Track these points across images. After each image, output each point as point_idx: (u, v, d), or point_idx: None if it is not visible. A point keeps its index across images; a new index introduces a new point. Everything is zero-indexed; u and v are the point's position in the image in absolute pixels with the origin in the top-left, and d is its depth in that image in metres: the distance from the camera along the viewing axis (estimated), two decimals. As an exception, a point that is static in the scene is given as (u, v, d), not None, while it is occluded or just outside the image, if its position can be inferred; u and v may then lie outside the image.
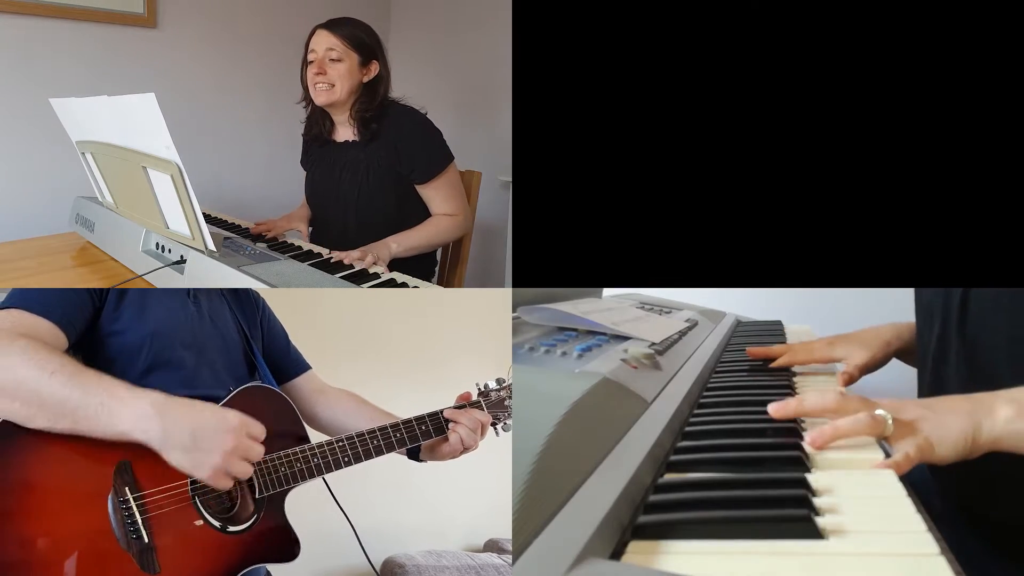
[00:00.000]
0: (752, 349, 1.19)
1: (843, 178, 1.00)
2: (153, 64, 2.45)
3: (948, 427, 0.76)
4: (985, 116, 0.96)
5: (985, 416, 0.76)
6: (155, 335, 0.98)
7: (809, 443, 0.77)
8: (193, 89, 2.59)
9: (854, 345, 1.17)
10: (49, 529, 0.83)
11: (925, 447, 0.76)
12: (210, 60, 2.64)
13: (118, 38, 2.36)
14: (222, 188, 2.69)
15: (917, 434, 0.76)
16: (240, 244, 1.53)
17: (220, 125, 2.71)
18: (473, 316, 2.20)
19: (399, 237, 1.67)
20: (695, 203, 1.02)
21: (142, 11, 2.38)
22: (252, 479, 0.95)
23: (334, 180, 1.78)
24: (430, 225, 1.74)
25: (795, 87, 0.99)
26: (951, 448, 0.76)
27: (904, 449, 0.75)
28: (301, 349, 1.23)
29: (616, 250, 1.03)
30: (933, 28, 0.96)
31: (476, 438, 1.06)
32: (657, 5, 1.00)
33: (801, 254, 1.01)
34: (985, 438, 0.76)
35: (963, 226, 0.98)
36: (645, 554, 0.56)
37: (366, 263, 1.51)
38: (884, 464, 0.73)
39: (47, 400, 0.84)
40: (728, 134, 1.00)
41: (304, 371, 1.20)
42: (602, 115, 1.02)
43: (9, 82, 2.15)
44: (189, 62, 2.57)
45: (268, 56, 2.72)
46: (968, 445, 0.76)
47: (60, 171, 2.09)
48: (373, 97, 1.72)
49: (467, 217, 1.82)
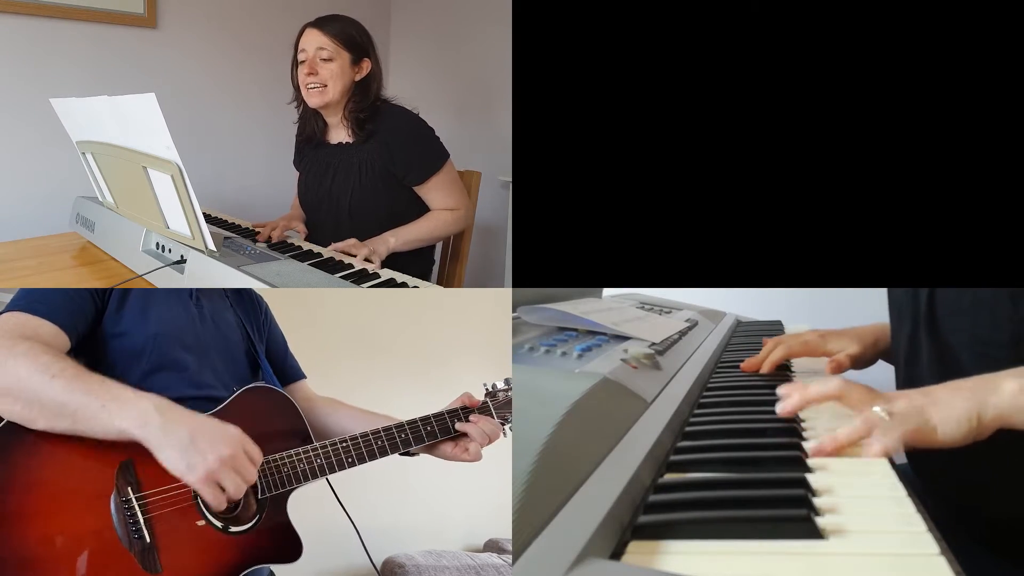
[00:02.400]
0: (744, 364, 1.18)
1: (842, 179, 1.00)
2: (153, 64, 2.45)
3: (951, 407, 0.76)
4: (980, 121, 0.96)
5: (990, 393, 0.75)
6: (158, 336, 0.98)
7: (811, 453, 0.77)
8: (193, 89, 2.59)
9: (846, 339, 1.18)
10: (52, 529, 0.83)
11: (926, 430, 0.75)
12: (210, 60, 2.64)
13: (118, 38, 2.36)
14: (222, 188, 2.69)
15: (918, 419, 0.76)
16: (240, 244, 1.54)
17: (220, 125, 2.71)
18: (473, 316, 2.20)
19: (397, 231, 1.66)
20: (695, 203, 1.02)
21: (142, 11, 2.38)
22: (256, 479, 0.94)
23: (327, 181, 1.76)
24: (430, 219, 1.73)
25: (794, 89, 0.99)
26: (955, 428, 0.75)
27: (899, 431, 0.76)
28: (301, 349, 1.22)
29: (616, 250, 1.03)
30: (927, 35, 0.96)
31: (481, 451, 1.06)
32: (657, 6, 1.00)
33: (801, 254, 1.01)
34: (992, 415, 0.75)
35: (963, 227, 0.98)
36: (645, 554, 0.56)
37: (360, 255, 1.50)
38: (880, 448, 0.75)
39: (47, 403, 0.84)
40: (728, 135, 1.01)
41: (299, 379, 1.20)
42: (602, 115, 1.02)
43: (9, 82, 2.14)
44: (189, 62, 2.57)
45: (268, 56, 2.72)
46: (974, 424, 0.75)
47: (60, 171, 2.10)
48: (366, 96, 1.70)
49: (468, 210, 1.80)
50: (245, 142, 2.79)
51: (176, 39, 2.51)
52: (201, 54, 2.60)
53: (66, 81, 2.22)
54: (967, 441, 0.76)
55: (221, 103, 2.70)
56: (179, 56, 2.53)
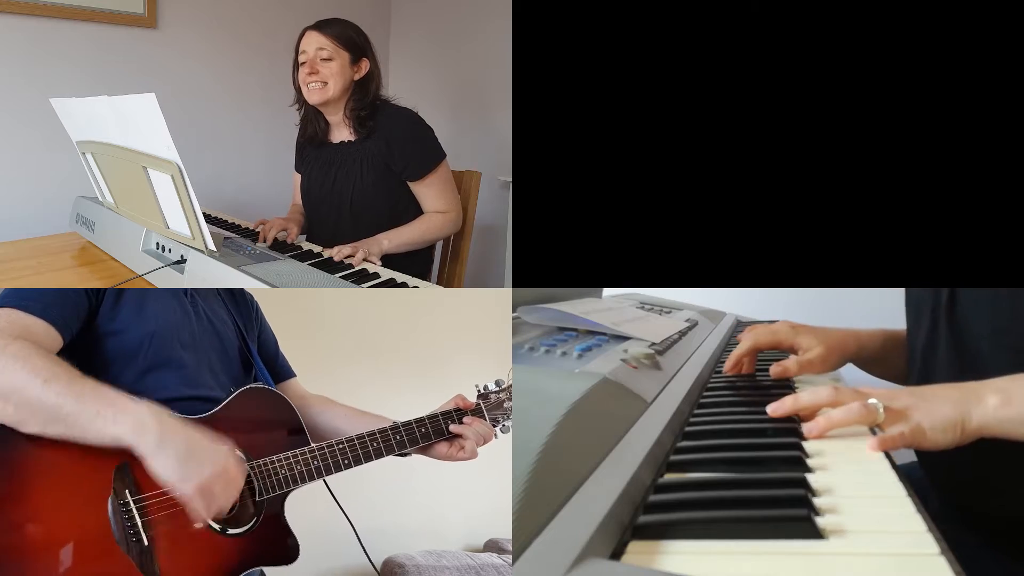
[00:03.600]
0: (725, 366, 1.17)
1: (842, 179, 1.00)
2: (153, 64, 2.45)
3: (939, 414, 0.79)
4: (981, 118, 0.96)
5: (974, 405, 0.78)
6: (155, 335, 0.98)
7: (805, 433, 0.80)
8: (193, 89, 2.59)
9: (815, 338, 1.14)
10: (49, 531, 0.83)
11: (917, 431, 0.79)
12: (210, 60, 2.64)
13: (118, 38, 2.36)
14: (222, 188, 2.69)
15: (909, 420, 0.79)
16: (240, 244, 1.54)
17: (220, 125, 2.71)
18: (473, 316, 2.19)
19: (391, 234, 1.69)
20: (695, 203, 1.02)
21: (142, 11, 2.38)
22: (254, 481, 0.94)
23: (330, 179, 1.80)
24: (422, 222, 1.76)
25: (796, 88, 0.99)
26: (941, 434, 0.78)
27: (900, 430, 0.79)
28: (301, 349, 1.22)
29: (616, 250, 1.03)
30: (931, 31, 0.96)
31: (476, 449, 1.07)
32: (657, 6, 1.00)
33: (801, 254, 1.01)
34: (974, 425, 0.78)
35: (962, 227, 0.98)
36: (645, 554, 0.56)
37: (356, 259, 1.51)
38: (877, 441, 0.77)
39: (38, 407, 0.82)
40: (727, 135, 1.01)
41: (290, 377, 1.20)
42: (602, 115, 1.02)
43: (9, 82, 2.15)
44: (189, 62, 2.57)
45: (268, 56, 2.72)
46: (958, 432, 0.78)
47: (60, 171, 2.10)
48: (365, 95, 1.74)
49: (459, 213, 1.83)
50: (245, 142, 2.79)
51: (176, 39, 2.51)
52: (201, 54, 2.60)
53: (66, 81, 2.22)
54: (951, 446, 0.79)
55: (221, 103, 2.70)
56: (179, 56, 2.53)
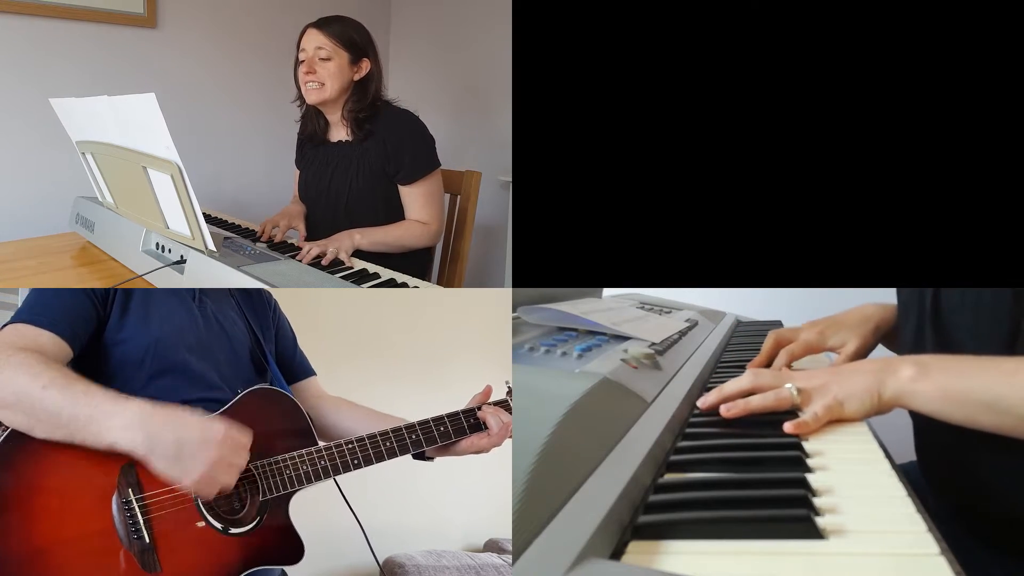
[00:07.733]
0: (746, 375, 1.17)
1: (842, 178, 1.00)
2: (153, 64, 2.45)
3: (854, 385, 0.84)
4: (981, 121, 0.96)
5: (889, 375, 0.82)
6: (159, 341, 0.98)
7: (723, 413, 0.86)
8: (193, 89, 2.59)
9: (844, 331, 1.15)
10: (55, 529, 0.84)
11: (834, 406, 0.83)
12: (210, 60, 2.64)
13: (118, 38, 2.36)
14: (222, 188, 2.69)
15: (826, 395, 0.84)
16: (240, 244, 1.53)
17: (220, 125, 2.71)
18: (473, 316, 2.20)
19: (364, 230, 1.67)
20: (695, 203, 1.02)
21: (142, 11, 2.38)
22: (258, 481, 0.95)
23: (326, 178, 1.79)
24: (400, 227, 1.74)
25: (796, 87, 0.99)
26: (858, 404, 0.83)
27: (813, 410, 0.83)
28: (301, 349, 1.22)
29: (616, 250, 1.03)
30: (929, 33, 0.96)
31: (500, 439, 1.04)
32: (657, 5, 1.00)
33: (800, 254, 1.01)
34: (889, 395, 0.82)
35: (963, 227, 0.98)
36: (645, 554, 0.56)
37: (327, 259, 1.50)
38: (792, 425, 0.80)
39: (41, 412, 0.84)
40: (728, 134, 1.01)
41: (308, 376, 1.19)
42: (602, 115, 1.02)
43: (9, 82, 2.14)
44: (189, 62, 2.57)
45: (268, 56, 2.72)
46: (874, 401, 0.82)
47: (60, 171, 2.10)
48: (364, 96, 1.72)
49: (440, 228, 1.82)
50: (245, 142, 2.79)
51: (176, 39, 2.51)
52: (201, 54, 2.60)
53: (66, 81, 2.22)
54: (870, 415, 0.83)
55: (221, 103, 2.70)
56: (179, 56, 2.53)
